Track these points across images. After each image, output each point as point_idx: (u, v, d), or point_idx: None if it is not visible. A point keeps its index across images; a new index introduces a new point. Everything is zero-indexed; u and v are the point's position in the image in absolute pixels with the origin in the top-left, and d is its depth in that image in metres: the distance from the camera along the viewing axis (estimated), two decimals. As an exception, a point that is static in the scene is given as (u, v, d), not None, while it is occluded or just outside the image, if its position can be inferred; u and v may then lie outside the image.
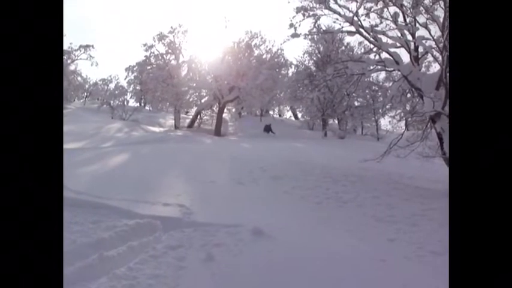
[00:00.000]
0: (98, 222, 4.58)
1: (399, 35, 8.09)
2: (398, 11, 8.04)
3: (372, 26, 8.14)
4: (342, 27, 8.26)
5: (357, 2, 8.12)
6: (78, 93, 41.23)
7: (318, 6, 8.26)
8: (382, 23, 8.39)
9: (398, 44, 8.06)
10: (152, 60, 28.60)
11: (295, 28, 8.23)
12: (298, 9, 8.29)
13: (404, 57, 8.27)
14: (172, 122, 29.54)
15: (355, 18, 7.94)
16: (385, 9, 8.23)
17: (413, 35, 7.95)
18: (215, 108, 27.46)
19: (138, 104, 37.87)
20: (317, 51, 26.52)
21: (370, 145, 17.33)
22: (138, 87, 33.52)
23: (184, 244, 4.12)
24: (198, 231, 4.51)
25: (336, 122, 27.62)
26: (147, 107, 39.80)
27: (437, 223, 5.31)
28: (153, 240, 4.25)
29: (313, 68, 26.28)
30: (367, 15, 8.16)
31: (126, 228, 4.42)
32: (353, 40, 33.79)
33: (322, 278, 3.49)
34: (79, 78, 38.87)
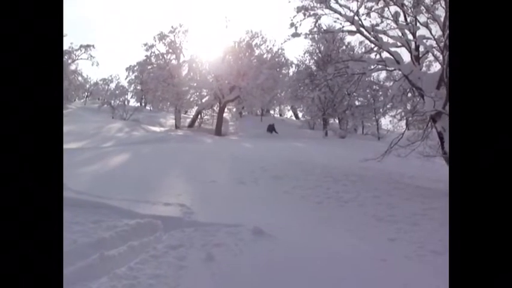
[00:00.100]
0: (98, 222, 4.58)
1: (400, 34, 8.09)
2: (399, 10, 8.04)
3: (373, 26, 8.14)
4: (343, 27, 8.26)
5: (357, 2, 8.13)
6: (78, 93, 41.37)
7: (318, 5, 8.26)
8: (383, 22, 8.40)
9: (399, 44, 8.06)
10: (153, 59, 28.63)
11: (296, 28, 8.24)
12: (299, 9, 8.29)
13: (405, 56, 8.29)
14: (173, 121, 29.57)
15: (356, 18, 7.94)
16: (386, 9, 8.24)
17: (414, 35, 7.95)
18: (216, 107, 27.49)
19: (138, 104, 37.95)
20: (318, 51, 26.54)
21: (371, 144, 17.33)
22: (138, 87, 33.55)
23: (184, 244, 4.11)
24: (199, 231, 4.51)
25: (337, 121, 27.65)
26: (148, 107, 39.85)
27: (438, 222, 5.31)
28: (153, 240, 4.25)
29: (313, 68, 26.31)
30: (368, 15, 8.16)
31: (126, 228, 4.42)
32: (354, 39, 33.92)
33: (323, 277, 3.49)
34: (80, 78, 39.05)
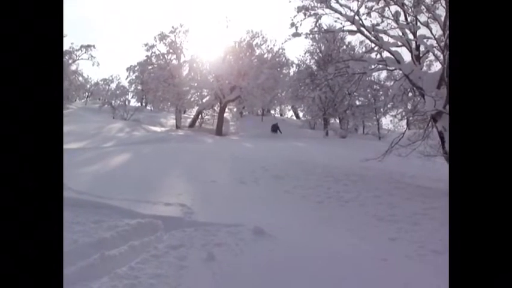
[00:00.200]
0: (99, 222, 4.58)
1: (400, 34, 8.08)
2: (400, 10, 8.03)
3: (373, 25, 8.13)
4: (343, 27, 8.25)
5: (358, 1, 8.11)
6: (79, 93, 41.39)
7: (319, 5, 8.25)
8: (383, 22, 8.39)
9: (400, 43, 8.05)
10: (153, 60, 28.62)
11: (297, 27, 8.23)
12: (299, 9, 8.28)
13: (406, 56, 8.28)
14: (174, 121, 29.57)
15: (357, 18, 7.93)
16: (387, 8, 8.23)
17: (414, 34, 7.94)
18: (216, 107, 27.48)
19: (139, 104, 37.93)
20: (318, 51, 26.51)
21: (372, 144, 17.31)
22: (139, 87, 33.54)
23: (185, 244, 4.11)
24: (199, 231, 4.51)
25: (337, 121, 27.63)
26: (149, 107, 39.85)
27: (438, 222, 5.30)
28: (154, 239, 4.25)
29: (314, 67, 26.29)
30: (369, 14, 8.15)
31: (127, 227, 4.42)
32: (354, 39, 33.83)
33: (324, 277, 3.48)
34: (80, 78, 39.05)
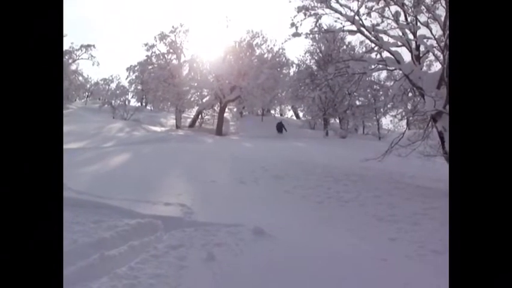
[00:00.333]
0: (99, 222, 4.58)
1: (400, 34, 8.08)
2: (400, 10, 8.03)
3: (373, 25, 8.13)
4: (343, 27, 8.25)
5: (358, 1, 8.11)
6: (79, 93, 41.40)
7: (319, 5, 8.25)
8: (383, 22, 8.39)
9: (400, 43, 8.05)
10: (153, 59, 28.62)
11: (297, 27, 8.23)
12: (300, 9, 8.28)
13: (406, 56, 8.28)
14: (174, 121, 29.56)
15: (357, 18, 7.93)
16: (387, 8, 8.23)
17: (414, 34, 7.94)
18: (216, 107, 27.49)
19: (139, 104, 37.91)
20: (318, 51, 26.50)
21: (372, 144, 17.31)
22: (139, 87, 33.54)
23: (185, 244, 4.11)
24: (199, 231, 4.51)
25: (337, 121, 27.61)
26: (149, 107, 39.85)
27: (438, 222, 5.30)
28: (154, 239, 4.25)
29: (314, 67, 26.29)
30: (369, 15, 8.15)
31: (127, 227, 4.43)
32: (354, 39, 33.82)
33: (324, 277, 3.48)
34: (80, 78, 39.06)
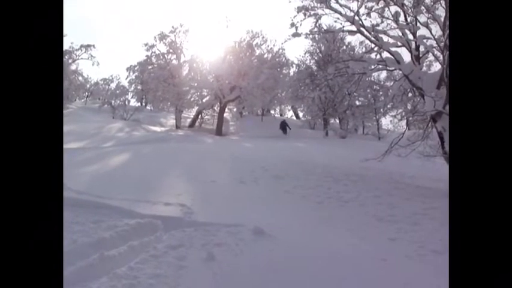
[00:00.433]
0: (99, 222, 4.58)
1: (400, 34, 8.08)
2: (400, 10, 8.03)
3: (373, 26, 8.13)
4: (343, 27, 8.26)
5: (358, 2, 8.12)
6: (79, 93, 41.39)
7: (319, 5, 8.26)
8: (383, 22, 8.39)
9: (400, 43, 8.05)
10: (153, 59, 28.63)
11: (296, 27, 8.23)
12: (299, 9, 8.28)
13: (406, 56, 8.28)
14: (174, 121, 29.56)
15: (356, 18, 7.93)
16: (386, 9, 8.23)
17: (414, 34, 7.94)
18: (216, 107, 27.49)
19: (139, 104, 37.90)
20: (318, 51, 26.50)
21: (371, 144, 17.32)
22: (139, 87, 33.53)
23: (185, 244, 4.11)
24: (199, 231, 4.51)
25: (337, 121, 27.62)
26: (148, 107, 39.85)
27: (438, 222, 5.30)
28: (154, 239, 4.25)
29: (314, 68, 26.29)
30: (368, 15, 8.15)
31: (127, 227, 4.42)
32: (354, 39, 33.87)
33: (324, 277, 3.48)
34: (80, 78, 39.07)
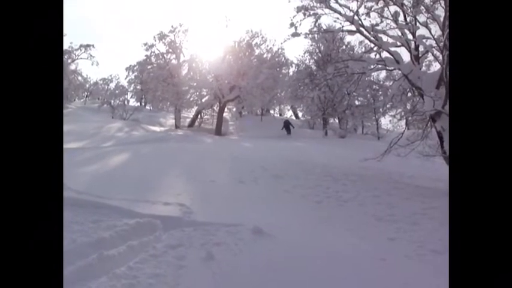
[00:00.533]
0: (98, 221, 4.57)
1: (400, 34, 8.09)
2: (399, 10, 8.04)
3: (373, 25, 8.14)
4: (343, 27, 8.27)
5: (357, 1, 8.13)
6: (78, 92, 41.35)
7: (318, 5, 8.27)
8: (382, 22, 8.40)
9: (399, 43, 8.06)
10: (153, 59, 28.59)
11: (296, 27, 8.24)
12: (299, 9, 8.29)
13: (405, 56, 8.29)
14: (173, 121, 29.55)
15: (356, 18, 7.94)
16: (386, 9, 8.24)
17: (413, 34, 7.95)
18: (216, 107, 27.47)
19: (138, 104, 37.95)
20: (318, 51, 26.52)
21: (371, 144, 17.33)
22: (138, 87, 33.53)
23: (184, 243, 4.11)
24: (198, 231, 4.51)
25: (337, 121, 27.64)
26: (148, 107, 39.84)
27: (437, 222, 5.31)
28: (153, 239, 4.24)
29: (313, 67, 26.31)
30: (368, 15, 8.16)
31: (126, 227, 4.42)
32: (354, 39, 33.95)
33: (323, 277, 3.49)
34: (79, 78, 39.04)
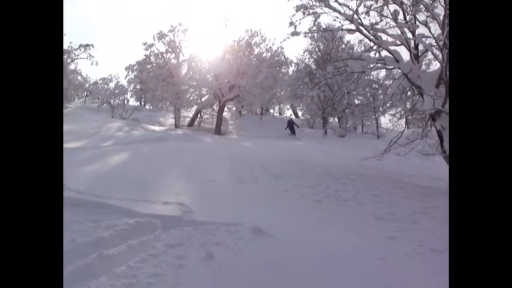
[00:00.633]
0: (98, 221, 4.57)
1: (399, 33, 8.08)
2: (399, 8, 8.03)
3: (372, 24, 8.14)
4: (342, 25, 8.26)
5: (356, 0, 8.12)
6: (78, 92, 41.35)
7: (317, 4, 8.26)
8: (382, 21, 8.40)
9: (399, 42, 8.06)
10: (152, 59, 28.56)
11: (295, 26, 8.24)
12: (298, 8, 8.29)
13: (405, 55, 8.29)
14: (173, 120, 29.54)
15: (355, 16, 7.93)
16: (385, 7, 8.23)
17: (413, 33, 7.95)
18: (215, 106, 27.46)
19: (138, 103, 37.96)
20: (317, 50, 26.49)
21: (370, 143, 17.33)
22: (138, 86, 33.53)
23: (184, 243, 4.11)
24: (198, 230, 4.51)
25: (336, 120, 27.63)
26: (147, 106, 39.84)
27: (437, 221, 5.32)
28: (153, 238, 4.24)
29: (313, 66, 26.26)
30: (367, 13, 8.16)
31: (126, 227, 4.42)
32: (353, 38, 33.93)
33: (323, 276, 3.49)
34: (79, 78, 39.02)
